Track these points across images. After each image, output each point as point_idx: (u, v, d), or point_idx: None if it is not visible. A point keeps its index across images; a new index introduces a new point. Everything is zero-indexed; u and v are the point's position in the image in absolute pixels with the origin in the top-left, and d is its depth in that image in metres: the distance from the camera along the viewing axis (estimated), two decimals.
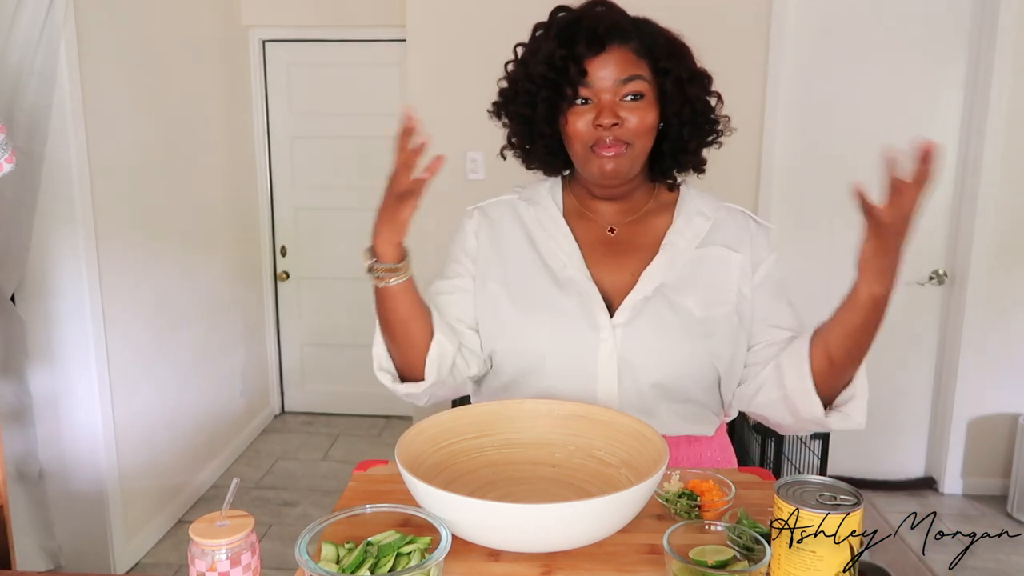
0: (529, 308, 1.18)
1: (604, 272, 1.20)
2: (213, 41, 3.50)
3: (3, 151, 1.71)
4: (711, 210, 1.24)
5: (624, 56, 1.11)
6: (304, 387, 4.25)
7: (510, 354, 1.20)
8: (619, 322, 1.16)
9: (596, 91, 1.11)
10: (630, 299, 1.17)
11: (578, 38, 1.10)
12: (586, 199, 1.24)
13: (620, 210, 1.23)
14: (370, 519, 0.90)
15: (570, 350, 1.16)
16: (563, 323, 1.17)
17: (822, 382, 1.10)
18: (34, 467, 2.48)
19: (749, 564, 0.84)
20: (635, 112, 1.12)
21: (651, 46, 1.14)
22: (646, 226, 1.23)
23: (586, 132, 1.12)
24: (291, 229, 4.09)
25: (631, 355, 1.15)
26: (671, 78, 1.14)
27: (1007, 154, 3.07)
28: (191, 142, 3.28)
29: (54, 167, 2.40)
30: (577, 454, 1.10)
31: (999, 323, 3.19)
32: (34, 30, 2.21)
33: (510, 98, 1.19)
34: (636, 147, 1.14)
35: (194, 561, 0.83)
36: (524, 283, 1.20)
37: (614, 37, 1.11)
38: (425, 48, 3.28)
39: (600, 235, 1.23)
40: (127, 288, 2.75)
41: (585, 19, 1.12)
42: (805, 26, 3.15)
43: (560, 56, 1.10)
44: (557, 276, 1.19)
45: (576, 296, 1.17)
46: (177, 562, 2.82)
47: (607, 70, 1.10)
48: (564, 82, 1.11)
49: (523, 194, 1.28)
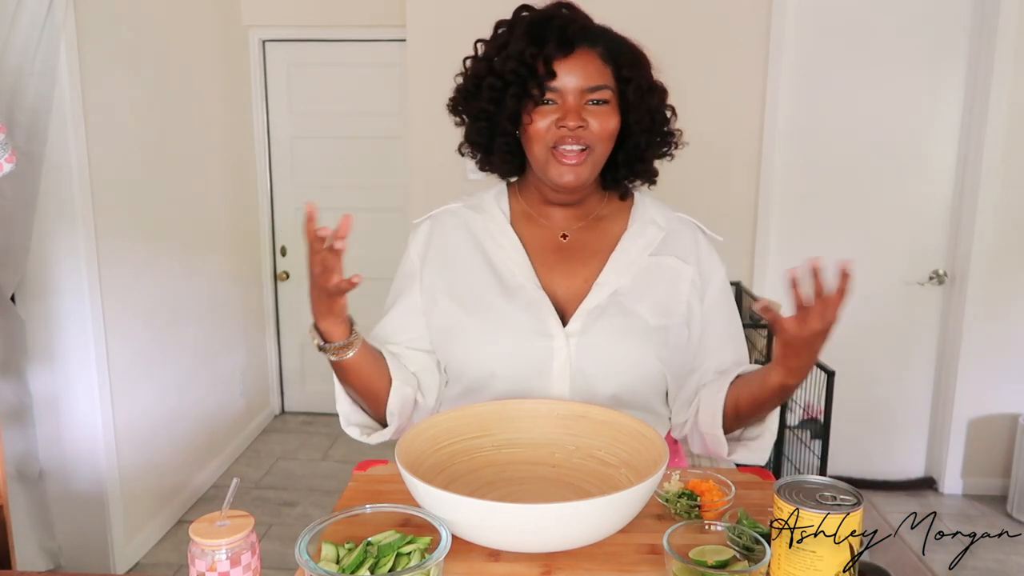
0: (480, 318, 1.17)
1: (556, 279, 1.19)
2: (213, 41, 3.50)
3: (3, 151, 1.71)
4: (664, 220, 1.24)
5: (591, 60, 1.12)
6: (304, 387, 4.25)
7: (463, 365, 1.19)
8: (573, 330, 1.15)
9: (562, 92, 1.11)
10: (584, 307, 1.16)
11: (548, 38, 1.10)
12: (538, 204, 1.23)
13: (573, 215, 1.22)
14: (370, 519, 0.90)
15: (522, 359, 1.16)
16: (514, 333, 1.16)
17: (730, 424, 1.15)
18: (34, 467, 2.48)
19: (749, 564, 0.84)
20: (598, 117, 1.12)
21: (615, 53, 1.14)
22: (599, 232, 1.23)
23: (548, 132, 1.11)
24: (291, 229, 4.08)
25: (586, 365, 1.15)
26: (633, 86, 1.14)
27: (1007, 154, 3.07)
28: (191, 142, 3.28)
29: (54, 167, 2.40)
30: (577, 454, 1.10)
31: (999, 323, 3.19)
32: (34, 30, 2.20)
33: (472, 94, 1.17)
34: (597, 152, 1.13)
35: (194, 561, 0.83)
36: (475, 294, 1.19)
37: (583, 40, 1.11)
38: (425, 48, 3.28)
39: (552, 241, 1.22)
40: (127, 288, 2.75)
41: (555, 19, 1.12)
42: (805, 27, 3.15)
43: (530, 54, 1.09)
44: (507, 284, 1.18)
45: (526, 305, 1.16)
46: (177, 562, 2.82)
47: (575, 73, 1.10)
48: (532, 80, 1.10)
49: (468, 202, 1.26)
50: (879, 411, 3.40)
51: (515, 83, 1.11)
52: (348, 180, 3.95)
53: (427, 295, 1.22)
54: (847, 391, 3.04)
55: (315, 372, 4.21)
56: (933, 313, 3.32)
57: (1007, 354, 3.22)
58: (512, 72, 1.10)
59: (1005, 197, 3.10)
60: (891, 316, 3.31)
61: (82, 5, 2.46)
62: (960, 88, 3.13)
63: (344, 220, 0.98)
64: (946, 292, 3.29)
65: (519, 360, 1.16)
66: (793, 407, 2.76)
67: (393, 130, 3.82)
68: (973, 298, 3.17)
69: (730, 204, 3.28)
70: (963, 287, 3.19)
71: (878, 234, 3.25)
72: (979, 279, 3.16)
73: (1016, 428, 3.19)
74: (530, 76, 1.10)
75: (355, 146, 3.94)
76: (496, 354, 1.16)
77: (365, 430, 1.19)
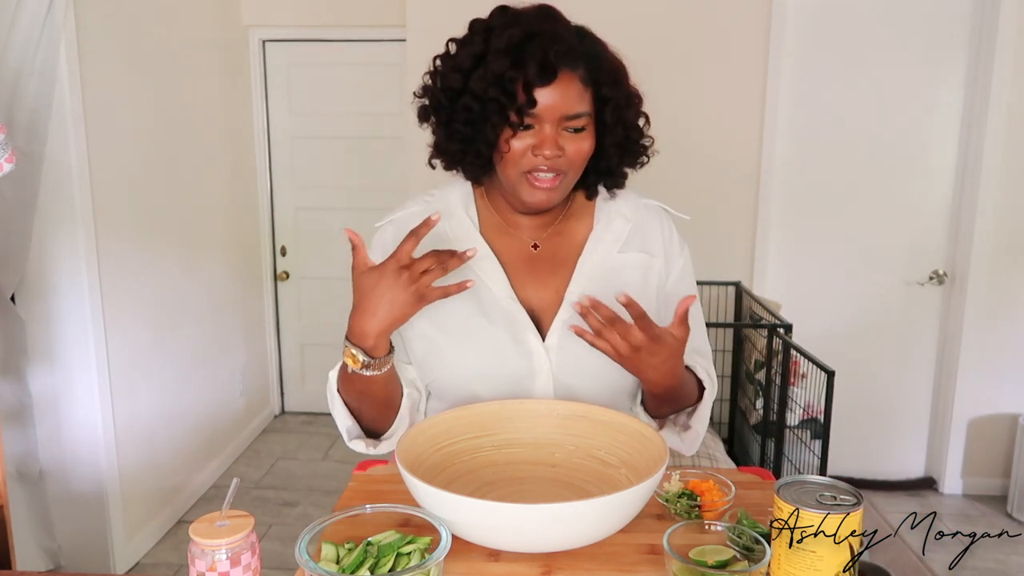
0: (458, 339, 1.15)
1: (529, 291, 1.17)
2: (213, 41, 3.50)
3: (3, 151, 1.71)
4: (631, 211, 1.22)
5: (572, 85, 1.06)
6: (304, 387, 4.25)
7: (445, 386, 1.18)
8: (551, 344, 1.14)
9: (540, 119, 1.06)
10: (558, 319, 1.15)
11: (530, 60, 1.03)
12: (506, 213, 1.20)
13: (541, 223, 1.20)
14: (370, 519, 0.90)
15: (504, 377, 1.14)
16: (494, 352, 1.14)
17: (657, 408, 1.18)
18: (34, 467, 2.48)
19: (749, 564, 0.84)
20: (576, 143, 1.09)
21: (596, 72, 1.09)
22: (567, 236, 1.21)
23: (523, 157, 1.08)
24: (291, 229, 4.09)
25: (568, 378, 1.14)
26: (611, 106, 1.11)
27: (1007, 154, 3.07)
28: (191, 142, 3.28)
29: (54, 167, 2.40)
30: (577, 454, 1.10)
31: (999, 323, 3.19)
32: (34, 30, 2.20)
33: (445, 107, 1.11)
34: (570, 176, 1.11)
35: (194, 561, 0.83)
36: (450, 312, 1.15)
37: (565, 63, 1.05)
38: (425, 48, 3.26)
39: (523, 251, 1.19)
40: (127, 288, 2.75)
41: (537, 38, 1.04)
42: (805, 27, 3.15)
43: (511, 78, 1.03)
44: (481, 299, 1.15)
45: (504, 322, 1.14)
46: (177, 562, 2.82)
47: (555, 100, 1.05)
48: (511, 106, 1.04)
49: (431, 204, 1.21)
50: (879, 411, 3.40)
51: (493, 110, 1.05)
52: (348, 180, 3.95)
53: None
54: (847, 391, 3.04)
55: (315, 372, 4.21)
56: (933, 313, 3.32)
57: (1007, 354, 3.22)
58: (492, 100, 1.05)
59: (1005, 197, 3.10)
60: (891, 316, 3.31)
61: (82, 5, 2.46)
62: (960, 88, 3.13)
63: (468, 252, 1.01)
64: (946, 292, 3.29)
65: (501, 379, 1.14)
66: (793, 407, 2.76)
67: (393, 130, 3.82)
68: (973, 298, 3.17)
69: (730, 205, 3.28)
70: (963, 287, 3.19)
71: (878, 234, 3.25)
72: (979, 279, 3.16)
73: (1016, 428, 3.19)
74: (509, 102, 1.04)
75: (355, 146, 3.94)
76: (476, 375, 1.15)
77: (371, 442, 1.16)
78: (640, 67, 1.19)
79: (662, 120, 1.35)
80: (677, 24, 3.16)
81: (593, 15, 1.20)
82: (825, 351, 2.66)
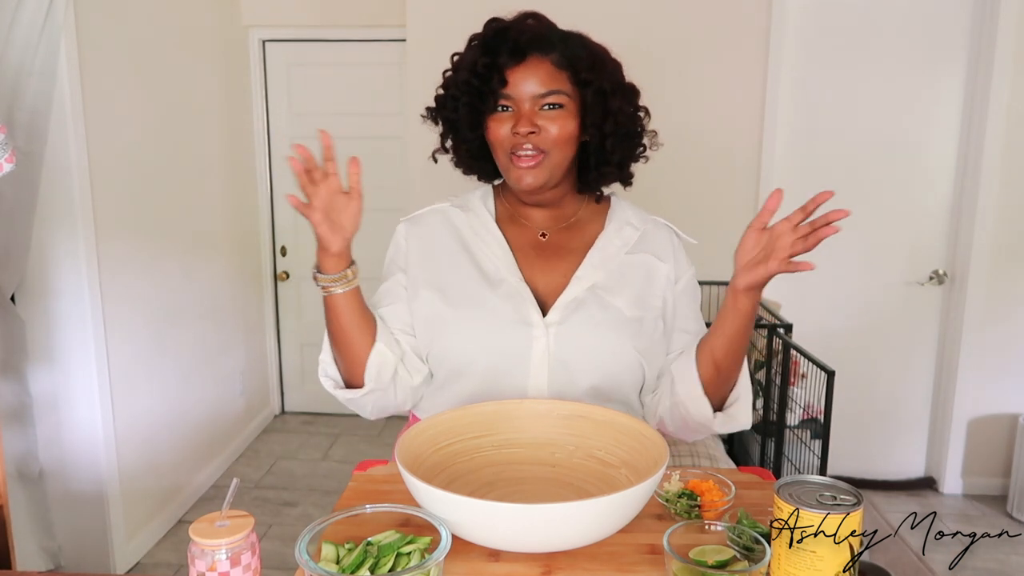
0: (461, 307, 1.21)
1: (537, 274, 1.23)
2: (213, 41, 3.50)
3: (3, 151, 1.71)
4: (639, 222, 1.29)
5: (543, 67, 1.15)
6: (304, 387, 4.24)
7: (445, 351, 1.21)
8: (552, 320, 1.18)
9: (516, 100, 1.16)
10: (563, 299, 1.20)
11: (501, 48, 1.15)
12: (518, 206, 1.28)
13: (551, 217, 1.27)
14: (370, 519, 0.90)
15: (502, 346, 1.18)
16: (495, 320, 1.19)
17: (709, 386, 1.16)
18: (34, 467, 2.48)
19: (749, 564, 0.84)
20: (554, 121, 1.15)
21: (572, 58, 1.16)
22: (577, 232, 1.27)
23: (506, 139, 1.16)
24: (291, 229, 4.09)
25: (565, 355, 1.18)
26: (592, 90, 1.16)
27: (1007, 154, 3.07)
28: (191, 142, 3.27)
29: (54, 167, 2.40)
30: (577, 454, 1.10)
31: (999, 323, 3.19)
32: (34, 30, 2.20)
33: (441, 104, 1.24)
34: (553, 156, 1.17)
35: (194, 561, 0.83)
36: (457, 285, 1.23)
37: (535, 48, 1.15)
38: (425, 48, 3.28)
39: (532, 239, 1.27)
40: (127, 288, 2.75)
41: (511, 30, 1.16)
42: (805, 27, 3.15)
43: (483, 64, 1.15)
44: (490, 278, 1.22)
45: (508, 296, 1.20)
46: (177, 562, 2.82)
47: (527, 80, 1.15)
48: (486, 89, 1.15)
49: (456, 202, 1.32)
50: (879, 411, 3.40)
51: (469, 92, 1.16)
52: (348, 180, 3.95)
53: (411, 286, 1.26)
54: (847, 391, 3.05)
55: (315, 372, 4.13)
56: (933, 313, 3.32)
57: (1007, 354, 3.22)
58: (465, 83, 1.16)
59: (1005, 197, 3.10)
60: (891, 316, 3.31)
61: (82, 5, 2.46)
62: (960, 88, 3.13)
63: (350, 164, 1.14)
64: (946, 292, 3.29)
65: (499, 347, 1.18)
66: (793, 407, 2.76)
67: (393, 130, 3.82)
68: (973, 298, 3.17)
69: (730, 204, 3.28)
70: (963, 287, 3.19)
71: (878, 234, 3.25)
72: (979, 279, 3.16)
73: (1016, 428, 3.19)
74: (483, 85, 1.15)
75: (355, 146, 3.87)
76: (476, 340, 1.19)
77: (338, 385, 1.22)
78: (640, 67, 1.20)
79: (662, 120, 1.35)
80: (677, 24, 3.16)
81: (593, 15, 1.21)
82: (825, 351, 2.66)
